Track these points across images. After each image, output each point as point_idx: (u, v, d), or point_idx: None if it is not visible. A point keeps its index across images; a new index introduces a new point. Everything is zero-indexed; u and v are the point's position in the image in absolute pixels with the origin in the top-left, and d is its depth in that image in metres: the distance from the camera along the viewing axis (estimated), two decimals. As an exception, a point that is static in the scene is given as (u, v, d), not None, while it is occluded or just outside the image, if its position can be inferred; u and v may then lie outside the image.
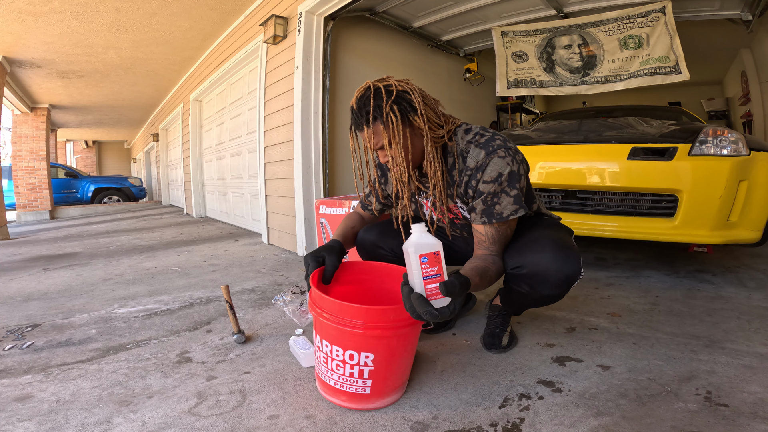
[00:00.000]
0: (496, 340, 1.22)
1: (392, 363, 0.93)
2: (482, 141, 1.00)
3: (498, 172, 0.97)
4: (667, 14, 2.98)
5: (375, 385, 0.93)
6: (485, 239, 1.03)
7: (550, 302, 1.10)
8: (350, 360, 0.91)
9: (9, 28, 3.81)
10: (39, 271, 2.56)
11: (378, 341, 0.90)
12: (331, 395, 0.97)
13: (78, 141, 13.78)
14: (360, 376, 0.92)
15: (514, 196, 0.99)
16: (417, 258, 0.79)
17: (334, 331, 0.91)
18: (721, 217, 1.74)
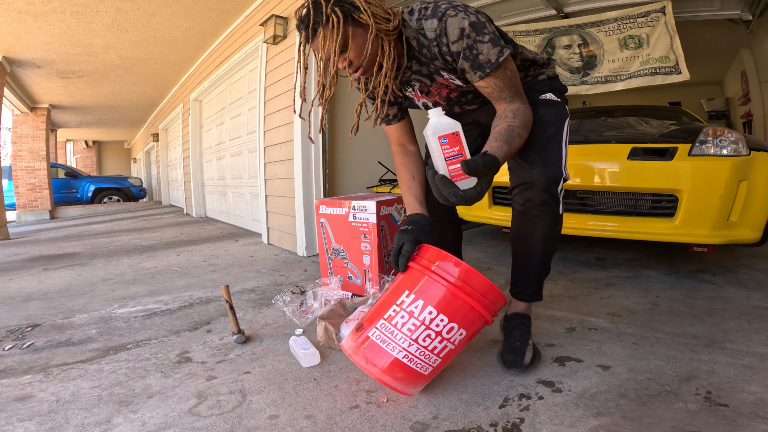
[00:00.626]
0: (517, 357, 1.06)
1: (463, 346, 0.97)
2: (429, 12, 0.97)
3: (459, 28, 0.93)
4: (667, 14, 2.99)
5: (438, 367, 0.94)
6: (492, 90, 1.00)
7: (548, 217, 1.09)
8: (447, 333, 0.91)
9: (9, 28, 3.81)
10: (39, 271, 2.56)
11: (476, 320, 0.93)
12: (384, 369, 0.91)
13: (78, 141, 13.78)
14: (440, 353, 0.92)
15: (489, 41, 0.94)
16: (436, 140, 0.79)
17: (454, 299, 0.90)
18: (721, 217, 1.74)
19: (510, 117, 0.98)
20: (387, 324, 0.93)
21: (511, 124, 0.97)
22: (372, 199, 1.74)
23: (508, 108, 1.01)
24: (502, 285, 1.91)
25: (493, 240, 3.02)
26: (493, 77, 0.98)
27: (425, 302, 0.91)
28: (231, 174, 4.63)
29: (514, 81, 1.01)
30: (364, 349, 0.94)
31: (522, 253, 1.18)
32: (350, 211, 1.76)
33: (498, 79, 0.98)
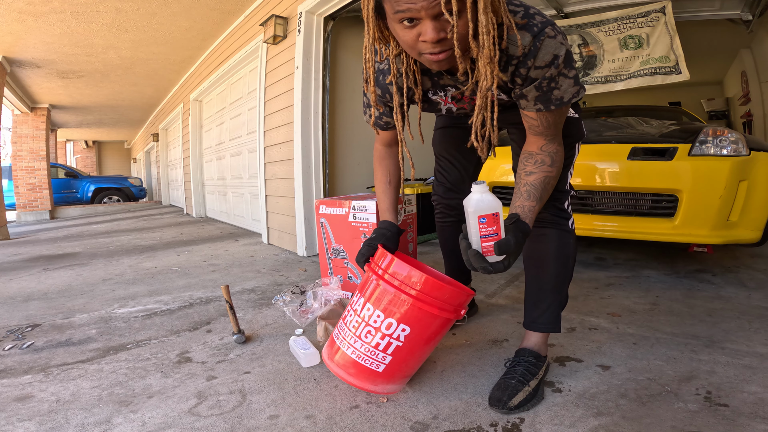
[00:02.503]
0: (504, 396, 0.93)
1: (417, 347, 0.95)
2: (519, 19, 0.80)
3: (552, 54, 0.80)
4: (667, 14, 2.99)
5: (391, 364, 0.94)
6: (538, 124, 0.90)
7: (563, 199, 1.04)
8: (386, 329, 0.92)
9: (9, 28, 3.81)
10: (39, 271, 2.56)
11: (422, 317, 0.92)
12: (340, 366, 0.96)
13: (78, 141, 13.78)
14: (385, 349, 0.93)
15: (573, 78, 0.85)
16: (476, 219, 0.80)
17: (387, 294, 0.92)
18: (721, 217, 1.74)
19: (548, 164, 0.90)
20: (341, 323, 1.01)
21: (548, 174, 0.89)
22: (372, 199, 1.74)
23: (546, 150, 0.91)
24: (502, 285, 1.91)
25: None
26: (551, 114, 0.88)
27: (365, 300, 0.95)
28: (231, 174, 4.63)
29: (562, 120, 0.93)
30: (326, 348, 1.03)
31: (534, 275, 1.09)
32: (350, 211, 1.76)
33: (553, 116, 0.89)
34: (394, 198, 1.16)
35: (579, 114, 1.09)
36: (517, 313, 1.54)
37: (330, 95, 2.86)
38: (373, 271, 0.96)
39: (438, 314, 0.91)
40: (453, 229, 1.37)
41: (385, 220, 1.12)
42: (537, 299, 1.08)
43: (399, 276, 0.92)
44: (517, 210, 0.88)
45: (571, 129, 1.03)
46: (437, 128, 1.37)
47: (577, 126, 1.06)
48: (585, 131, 1.11)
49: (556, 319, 1.07)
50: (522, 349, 1.07)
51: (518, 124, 1.07)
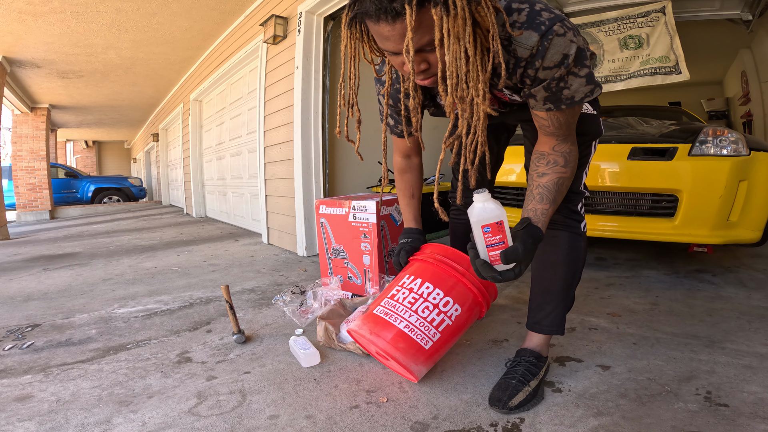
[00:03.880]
0: (504, 395, 0.93)
1: (458, 329, 1.03)
2: (524, 18, 0.75)
3: (562, 54, 0.75)
4: (667, 14, 2.98)
5: (437, 343, 0.98)
6: (549, 124, 0.85)
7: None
8: (443, 307, 0.99)
9: (9, 28, 3.81)
10: (39, 271, 2.56)
11: (472, 300, 1.03)
12: (389, 341, 0.96)
13: (78, 141, 13.78)
14: (438, 325, 0.98)
15: (585, 76, 0.79)
16: (480, 228, 0.78)
17: (447, 275, 1.02)
18: (721, 217, 1.74)
19: (561, 165, 0.86)
20: (390, 300, 1.03)
21: (561, 176, 0.85)
22: (372, 199, 1.74)
23: (559, 150, 0.87)
24: (502, 285, 1.91)
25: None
26: (562, 113, 0.83)
27: (423, 279, 1.02)
28: (231, 174, 4.63)
29: (575, 119, 0.88)
30: (369, 322, 1.02)
31: (541, 276, 1.06)
32: (350, 211, 1.76)
33: (565, 116, 0.84)
34: (418, 209, 1.21)
35: (597, 110, 1.04)
36: (517, 313, 1.54)
37: (330, 95, 2.86)
38: (436, 253, 1.06)
39: (481, 302, 1.04)
40: (466, 228, 1.38)
41: (412, 228, 1.19)
42: (542, 301, 1.05)
43: (463, 264, 1.02)
44: (528, 214, 0.85)
45: (587, 126, 0.99)
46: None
47: (593, 123, 1.02)
48: (602, 128, 1.07)
49: (560, 322, 1.05)
50: (523, 349, 1.06)
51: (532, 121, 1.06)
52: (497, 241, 0.79)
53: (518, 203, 2.29)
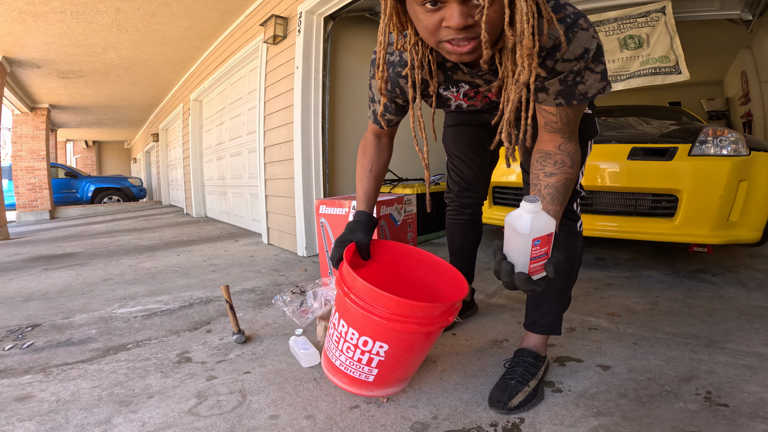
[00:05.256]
0: (504, 396, 0.93)
1: (404, 358, 0.91)
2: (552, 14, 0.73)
3: (583, 48, 0.75)
4: (667, 14, 2.98)
5: (380, 375, 0.92)
6: (557, 120, 0.83)
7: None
8: (363, 346, 0.89)
9: (9, 28, 3.81)
10: (39, 271, 2.56)
11: (398, 335, 0.86)
12: (333, 374, 0.97)
13: (78, 141, 13.79)
14: (368, 363, 0.90)
15: (600, 72, 0.79)
16: (530, 241, 0.70)
17: (356, 314, 0.87)
18: (721, 217, 1.74)
19: (568, 165, 0.84)
20: (328, 333, 1.00)
21: (569, 176, 0.84)
22: (372, 199, 1.73)
23: (565, 150, 0.85)
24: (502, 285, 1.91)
25: (494, 240, 3.02)
26: (571, 110, 0.82)
27: (339, 315, 0.93)
28: (231, 174, 4.63)
29: (580, 117, 0.87)
30: (323, 354, 1.03)
31: None
32: (350, 211, 1.76)
33: (574, 112, 0.83)
34: (371, 188, 1.11)
35: (593, 111, 1.05)
36: (517, 313, 1.54)
37: (330, 95, 2.86)
38: (341, 284, 0.91)
39: (416, 330, 0.85)
40: (465, 227, 1.37)
41: (359, 211, 1.08)
42: (539, 301, 1.05)
43: (365, 298, 0.85)
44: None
45: (586, 125, 0.99)
46: (447, 126, 1.34)
47: (591, 123, 1.02)
48: (598, 128, 1.07)
49: (557, 322, 1.05)
50: (521, 349, 1.06)
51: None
52: (543, 253, 0.73)
53: (518, 203, 2.29)
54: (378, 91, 0.87)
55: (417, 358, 0.95)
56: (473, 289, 1.51)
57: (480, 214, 1.39)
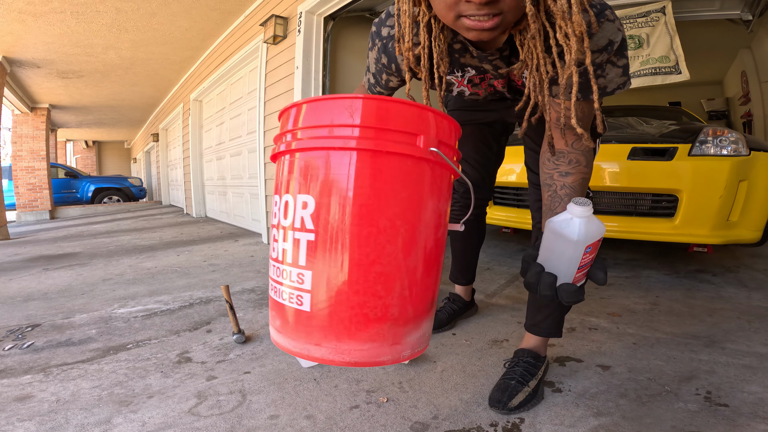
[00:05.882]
0: (504, 396, 0.93)
1: (367, 240, 0.53)
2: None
3: (608, 39, 0.72)
4: (667, 14, 2.98)
5: (316, 287, 0.54)
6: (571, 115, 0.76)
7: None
8: (284, 218, 0.58)
9: (9, 28, 3.81)
10: (39, 271, 2.56)
11: (337, 164, 0.53)
12: (274, 318, 0.62)
13: (78, 141, 13.79)
14: (294, 259, 0.55)
15: (623, 67, 0.76)
16: (582, 249, 0.63)
17: (301, 157, 0.57)
18: (721, 217, 1.74)
19: (583, 165, 0.80)
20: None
21: (585, 176, 0.80)
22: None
23: (579, 148, 0.80)
24: (502, 285, 1.91)
25: (493, 240, 3.02)
26: (587, 104, 0.78)
27: (282, 192, 0.64)
28: (231, 174, 4.63)
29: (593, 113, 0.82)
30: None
31: None
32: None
33: (589, 107, 0.78)
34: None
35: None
36: (517, 313, 1.54)
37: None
38: (278, 138, 0.63)
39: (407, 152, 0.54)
40: (471, 227, 1.35)
41: None
42: (542, 303, 1.03)
43: (315, 121, 0.56)
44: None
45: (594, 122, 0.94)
46: None
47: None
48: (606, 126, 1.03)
49: (558, 324, 1.03)
50: (521, 349, 1.05)
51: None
52: (590, 260, 0.65)
53: (518, 203, 2.29)
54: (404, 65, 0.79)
55: (405, 258, 0.55)
56: (473, 289, 1.51)
57: (485, 214, 1.38)
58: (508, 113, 1.13)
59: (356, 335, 0.55)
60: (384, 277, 0.55)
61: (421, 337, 0.62)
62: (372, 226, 0.54)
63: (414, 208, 0.56)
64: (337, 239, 0.54)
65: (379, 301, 0.55)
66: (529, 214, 1.14)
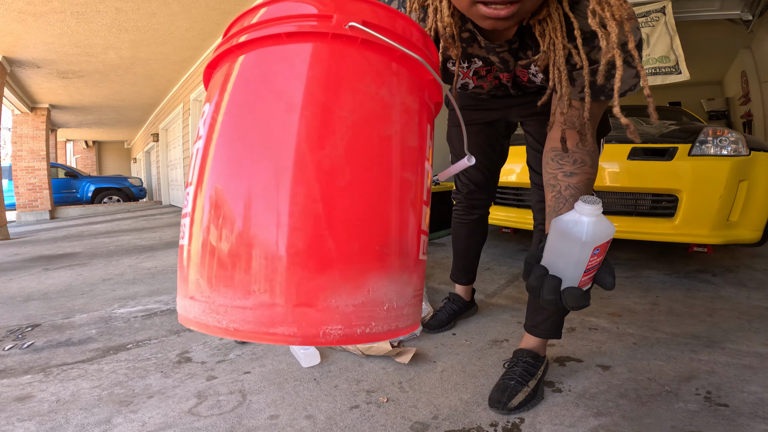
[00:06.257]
0: (503, 397, 0.93)
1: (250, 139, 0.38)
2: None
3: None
4: (667, 14, 2.99)
5: (192, 208, 0.41)
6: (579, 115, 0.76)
7: None
8: (200, 120, 0.46)
9: (9, 28, 3.81)
10: (39, 271, 2.56)
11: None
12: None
13: (78, 141, 13.79)
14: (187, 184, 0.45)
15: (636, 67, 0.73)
16: (590, 252, 0.59)
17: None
18: (721, 217, 1.74)
19: (588, 165, 0.78)
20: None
21: (590, 177, 0.78)
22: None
23: (584, 148, 0.78)
24: (502, 285, 1.91)
25: (493, 240, 3.02)
26: (596, 105, 0.75)
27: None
28: (231, 174, 4.63)
29: (601, 114, 0.81)
30: None
31: None
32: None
33: (598, 108, 0.76)
34: None
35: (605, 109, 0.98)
36: (517, 313, 1.54)
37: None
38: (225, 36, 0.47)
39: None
40: (474, 227, 1.35)
41: None
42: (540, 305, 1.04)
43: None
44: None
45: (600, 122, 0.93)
46: (453, 125, 1.30)
47: (604, 119, 0.96)
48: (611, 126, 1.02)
49: (558, 326, 1.02)
50: (520, 349, 1.05)
51: (537, 115, 1.01)
52: (598, 262, 0.61)
53: (518, 203, 2.29)
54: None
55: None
56: (474, 289, 1.51)
57: (488, 214, 1.38)
58: (511, 112, 1.12)
59: (226, 279, 0.37)
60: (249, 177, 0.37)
61: (370, 304, 0.38)
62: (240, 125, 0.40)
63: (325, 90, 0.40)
64: (209, 143, 0.41)
65: (242, 222, 0.37)
66: (529, 213, 1.14)
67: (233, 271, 0.37)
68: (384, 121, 0.42)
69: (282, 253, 0.36)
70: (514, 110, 1.08)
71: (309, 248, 0.36)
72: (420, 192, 0.45)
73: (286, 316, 0.36)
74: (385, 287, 0.40)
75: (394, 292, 0.41)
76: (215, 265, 0.38)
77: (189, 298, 0.40)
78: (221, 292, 0.37)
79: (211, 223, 0.39)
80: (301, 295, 0.36)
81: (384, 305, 0.40)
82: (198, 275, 0.39)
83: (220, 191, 0.38)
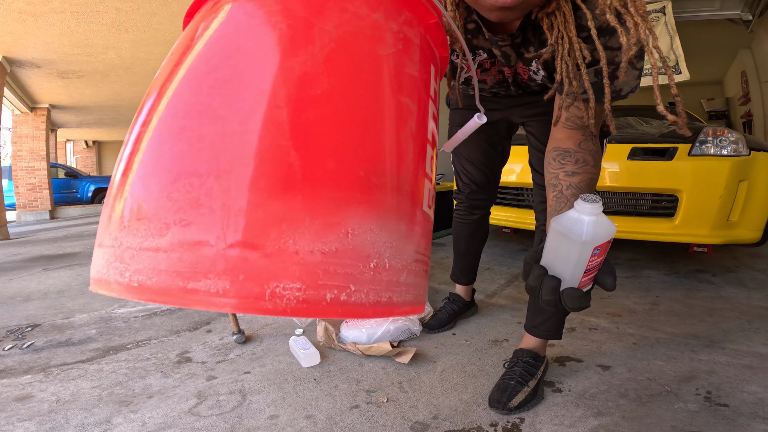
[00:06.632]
0: (503, 397, 0.93)
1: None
2: None
3: None
4: (667, 14, 2.99)
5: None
6: (582, 115, 0.75)
7: None
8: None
9: (9, 28, 3.81)
10: (39, 271, 2.56)
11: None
12: None
13: (78, 141, 13.78)
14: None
15: (640, 69, 0.72)
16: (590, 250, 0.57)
17: None
18: (721, 217, 1.74)
19: (591, 165, 0.77)
20: None
21: (593, 177, 0.77)
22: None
23: (586, 148, 0.77)
24: (502, 285, 1.91)
25: (493, 240, 3.02)
26: (599, 105, 0.75)
27: None
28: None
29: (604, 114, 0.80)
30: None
31: None
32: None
33: (601, 108, 0.76)
34: None
35: None
36: (517, 313, 1.54)
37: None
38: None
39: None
40: (475, 227, 1.35)
41: None
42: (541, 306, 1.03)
43: None
44: None
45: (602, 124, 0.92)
46: (455, 125, 1.28)
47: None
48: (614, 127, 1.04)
49: (558, 326, 1.02)
50: (520, 349, 1.05)
51: (539, 115, 1.02)
52: (597, 263, 0.60)
53: (518, 203, 2.29)
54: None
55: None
56: (474, 289, 1.51)
57: (489, 214, 1.38)
58: (513, 113, 1.12)
59: (140, 208, 0.28)
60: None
61: (348, 254, 0.27)
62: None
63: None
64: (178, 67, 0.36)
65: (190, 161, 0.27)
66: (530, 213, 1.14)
67: (149, 193, 0.27)
68: (376, 41, 0.35)
69: (222, 165, 0.25)
70: (516, 110, 1.09)
71: (261, 161, 0.26)
72: (423, 126, 0.38)
73: (215, 261, 0.24)
74: (373, 233, 0.28)
75: (387, 244, 0.29)
76: (129, 188, 0.28)
77: (97, 247, 0.30)
78: (131, 229, 0.27)
79: (138, 123, 0.31)
80: (241, 229, 0.24)
81: (370, 260, 0.28)
82: (110, 210, 0.29)
83: (173, 103, 0.30)
